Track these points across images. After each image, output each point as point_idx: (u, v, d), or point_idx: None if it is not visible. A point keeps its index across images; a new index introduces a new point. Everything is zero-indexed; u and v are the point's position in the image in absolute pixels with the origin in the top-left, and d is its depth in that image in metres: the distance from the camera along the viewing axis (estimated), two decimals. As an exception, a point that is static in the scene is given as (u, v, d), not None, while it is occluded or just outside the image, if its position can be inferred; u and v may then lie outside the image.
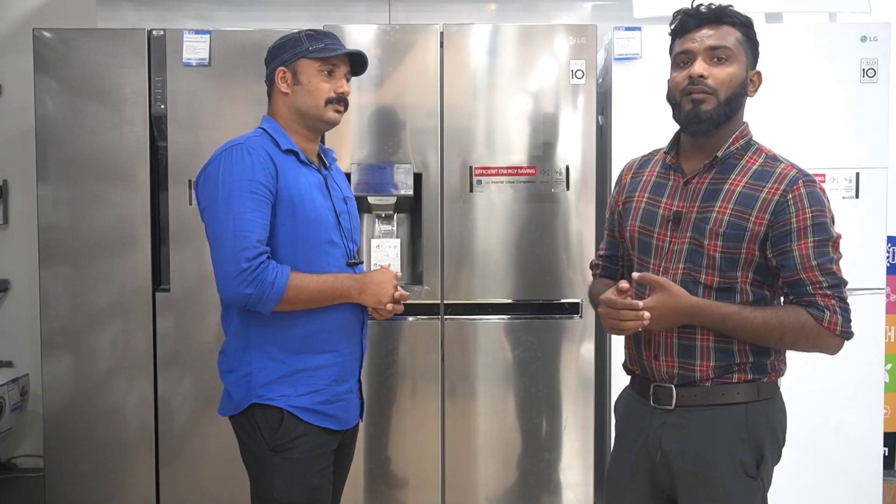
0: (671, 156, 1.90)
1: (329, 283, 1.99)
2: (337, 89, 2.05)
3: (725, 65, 1.78)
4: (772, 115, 2.97)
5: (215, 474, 3.15)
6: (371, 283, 2.04)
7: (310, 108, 2.04)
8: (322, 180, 2.08)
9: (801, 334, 1.73)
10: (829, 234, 1.74)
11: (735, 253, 1.76)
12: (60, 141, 3.13)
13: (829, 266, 1.73)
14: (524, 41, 3.13)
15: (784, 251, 1.73)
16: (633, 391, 1.95)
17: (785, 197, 1.74)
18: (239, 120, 3.02)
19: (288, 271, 1.93)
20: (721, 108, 1.77)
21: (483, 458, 3.19)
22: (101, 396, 3.18)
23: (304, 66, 2.03)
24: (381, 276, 2.07)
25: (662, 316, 1.74)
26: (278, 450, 1.98)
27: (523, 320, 3.16)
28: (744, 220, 1.75)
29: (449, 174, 3.13)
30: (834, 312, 1.72)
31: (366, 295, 2.04)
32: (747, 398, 1.79)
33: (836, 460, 3.13)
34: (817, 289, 1.72)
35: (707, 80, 1.76)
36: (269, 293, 1.90)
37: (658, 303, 1.73)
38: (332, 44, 2.05)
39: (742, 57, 1.80)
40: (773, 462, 1.83)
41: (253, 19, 3.86)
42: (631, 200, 1.95)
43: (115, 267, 3.15)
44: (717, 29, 1.78)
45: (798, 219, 1.73)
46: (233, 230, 1.89)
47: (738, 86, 1.79)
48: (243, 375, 2.01)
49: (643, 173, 1.96)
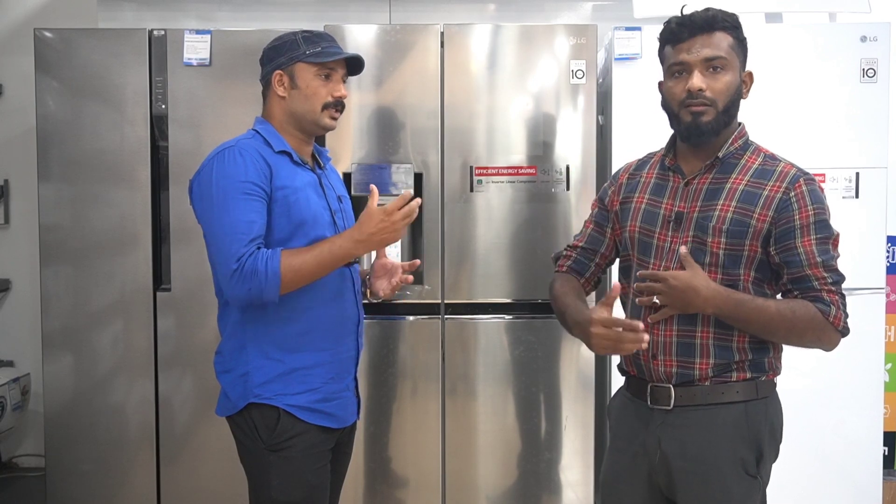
0: (669, 158, 1.90)
1: (326, 253, 1.92)
2: (334, 93, 2.03)
3: (721, 74, 1.78)
4: (772, 115, 2.97)
5: (216, 473, 3.16)
6: (371, 235, 1.92)
7: (306, 112, 2.03)
8: (316, 179, 2.08)
9: (809, 327, 1.74)
10: (830, 231, 1.77)
11: (738, 250, 1.77)
12: (61, 141, 3.14)
13: (831, 263, 1.76)
14: (524, 41, 3.14)
15: (788, 248, 1.75)
16: (627, 392, 1.95)
17: (787, 194, 1.76)
18: (239, 120, 3.01)
19: (279, 255, 1.88)
20: (720, 117, 1.79)
21: (483, 457, 3.20)
22: (102, 396, 3.19)
23: (301, 70, 2.02)
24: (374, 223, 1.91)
25: (678, 287, 1.72)
26: (275, 449, 1.98)
27: (524, 320, 3.16)
28: (747, 216, 1.76)
29: (449, 174, 3.13)
30: (838, 308, 1.75)
31: (372, 246, 1.95)
32: (746, 396, 1.79)
33: (835, 459, 3.13)
34: (823, 284, 1.75)
35: (706, 92, 1.77)
36: (265, 282, 1.86)
37: (678, 274, 1.73)
38: (330, 47, 2.03)
39: (735, 62, 1.80)
40: (772, 460, 1.84)
41: (254, 19, 3.86)
42: (629, 201, 1.95)
43: (116, 266, 3.16)
44: (711, 37, 1.78)
45: (801, 216, 1.75)
46: (226, 232, 1.89)
47: (735, 92, 1.81)
48: (240, 375, 2.01)
49: (641, 175, 1.97)
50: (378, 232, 1.92)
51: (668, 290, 1.74)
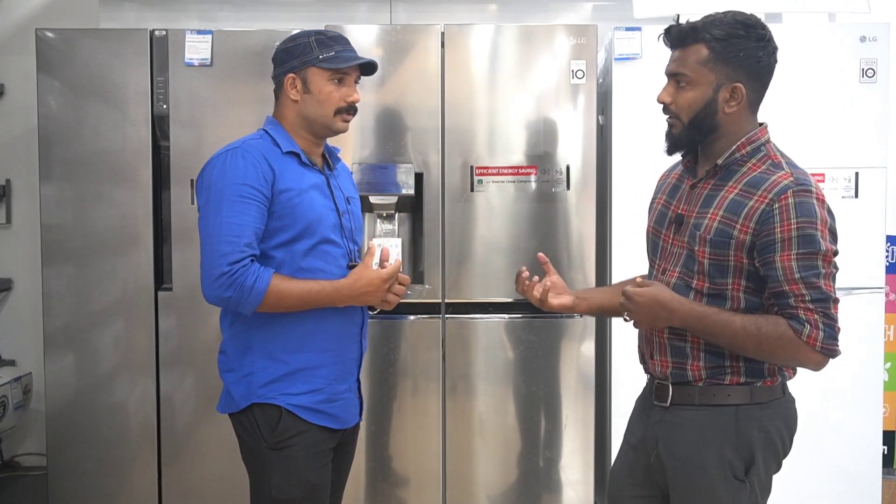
0: (687, 159, 1.92)
1: (314, 294, 1.96)
2: (347, 98, 2.03)
3: (686, 90, 1.78)
4: (771, 115, 2.95)
5: (217, 472, 3.16)
6: (359, 291, 1.99)
7: (318, 117, 2.03)
8: (324, 181, 2.08)
9: (778, 345, 1.68)
10: (816, 246, 1.67)
11: (723, 260, 1.75)
12: (63, 141, 3.14)
13: (814, 280, 1.67)
14: (525, 41, 3.14)
15: (768, 262, 1.70)
16: (645, 387, 1.97)
17: (771, 206, 1.69)
18: (241, 120, 3.04)
19: (269, 275, 1.91)
20: (686, 131, 1.79)
21: (484, 456, 3.20)
22: (103, 395, 3.20)
23: (314, 74, 2.01)
24: (367, 282, 1.99)
25: (644, 304, 1.73)
26: (276, 448, 1.98)
27: (524, 319, 3.17)
28: (730, 227, 1.74)
29: (450, 174, 3.14)
30: (815, 327, 1.66)
31: (355, 301, 2.02)
32: (739, 401, 1.77)
33: (835, 458, 3.14)
34: (799, 301, 1.67)
35: (670, 105, 1.80)
36: (248, 297, 1.89)
37: (642, 291, 1.73)
38: (343, 51, 2.02)
39: (707, 77, 1.75)
40: (769, 469, 1.81)
41: (255, 19, 3.87)
42: (653, 202, 1.99)
43: (118, 266, 3.17)
44: (684, 52, 1.78)
45: (782, 229, 1.68)
46: (219, 234, 1.90)
47: (702, 108, 1.77)
48: (244, 375, 2.01)
49: (669, 176, 1.99)
50: (366, 294, 2.00)
51: (633, 308, 1.74)
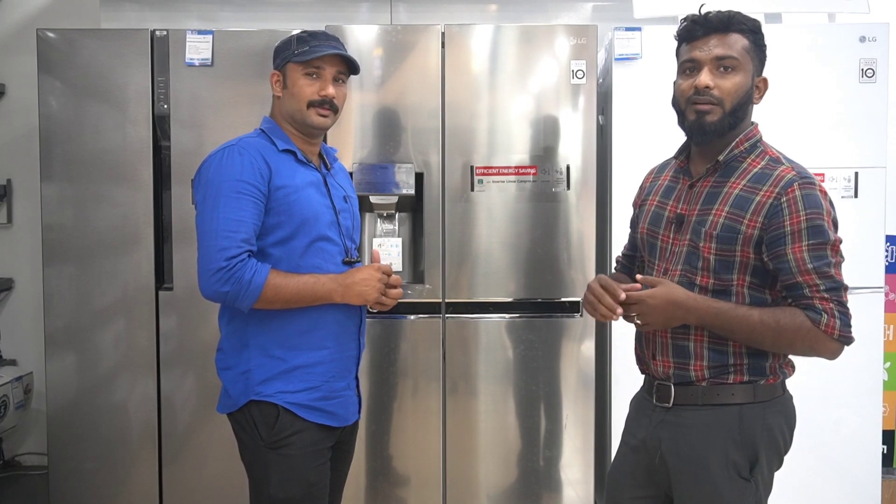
0: (681, 159, 1.92)
1: (309, 286, 1.98)
2: (320, 91, 2.04)
3: (732, 74, 1.76)
4: (771, 115, 2.96)
5: (218, 471, 3.17)
6: (353, 283, 2.01)
7: (294, 111, 2.06)
8: (320, 178, 2.09)
9: (797, 336, 1.70)
10: (825, 237, 1.71)
11: (729, 255, 1.76)
12: (64, 140, 3.15)
13: (826, 269, 1.70)
14: (525, 41, 3.15)
15: (779, 255, 1.72)
16: (642, 388, 1.98)
17: (779, 200, 1.72)
18: (241, 120, 3.04)
19: (267, 270, 1.94)
20: (726, 118, 1.77)
21: (484, 455, 3.21)
22: (104, 394, 3.20)
23: (291, 70, 2.05)
24: (363, 273, 2.03)
25: (658, 306, 1.73)
26: (274, 446, 1.99)
27: (524, 319, 3.17)
28: (737, 222, 1.75)
29: (450, 174, 3.15)
30: (832, 316, 1.69)
31: (350, 296, 2.02)
32: (743, 399, 1.78)
33: (835, 458, 3.14)
34: (814, 292, 1.70)
35: (713, 90, 1.76)
36: (246, 291, 1.91)
37: (654, 293, 1.74)
38: (317, 46, 2.04)
39: (748, 65, 1.78)
40: (772, 466, 1.82)
41: (255, 20, 3.87)
42: (645, 203, 1.99)
43: (119, 266, 3.17)
44: (725, 37, 1.77)
45: (791, 222, 1.71)
46: (217, 229, 1.92)
47: (744, 95, 1.78)
48: (241, 373, 2.02)
49: (660, 177, 1.99)
50: (361, 285, 2.01)
51: (647, 311, 1.74)
